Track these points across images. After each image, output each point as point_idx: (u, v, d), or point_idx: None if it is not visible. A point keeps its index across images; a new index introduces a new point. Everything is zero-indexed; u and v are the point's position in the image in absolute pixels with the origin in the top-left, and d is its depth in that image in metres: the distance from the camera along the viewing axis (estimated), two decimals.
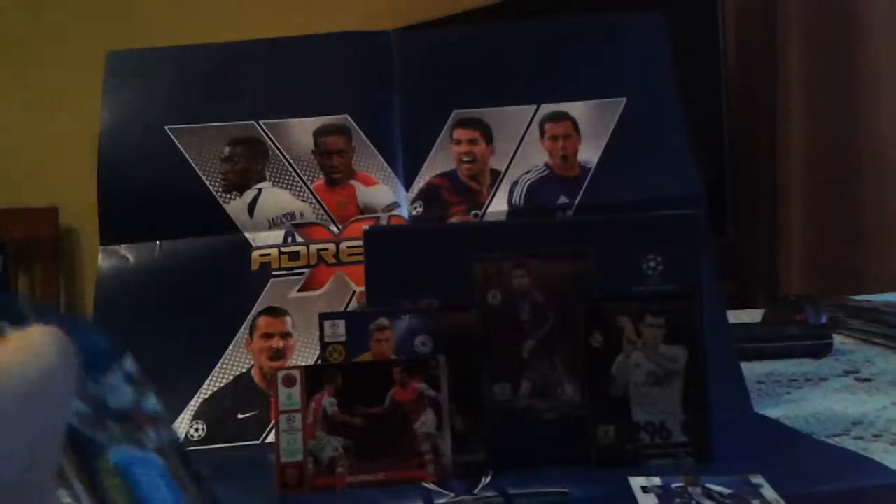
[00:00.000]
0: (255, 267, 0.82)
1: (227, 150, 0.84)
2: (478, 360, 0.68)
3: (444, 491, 0.63)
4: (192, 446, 0.76)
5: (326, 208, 0.84)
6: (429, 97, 0.87)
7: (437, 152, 0.86)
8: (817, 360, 1.02)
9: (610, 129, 0.87)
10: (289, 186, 0.84)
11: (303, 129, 0.85)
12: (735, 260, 2.12)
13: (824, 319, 1.09)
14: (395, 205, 0.84)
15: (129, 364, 0.33)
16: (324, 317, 0.69)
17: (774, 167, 2.11)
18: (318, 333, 0.69)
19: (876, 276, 1.87)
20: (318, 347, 0.69)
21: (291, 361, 0.79)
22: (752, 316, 1.20)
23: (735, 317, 1.05)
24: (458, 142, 0.87)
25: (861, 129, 1.96)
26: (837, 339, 1.08)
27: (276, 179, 0.84)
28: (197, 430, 0.76)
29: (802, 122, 2.02)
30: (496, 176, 0.86)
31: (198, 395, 0.78)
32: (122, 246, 0.82)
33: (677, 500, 0.58)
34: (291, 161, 0.85)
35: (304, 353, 0.79)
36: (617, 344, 0.68)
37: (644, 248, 0.71)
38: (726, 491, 0.59)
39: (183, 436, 0.76)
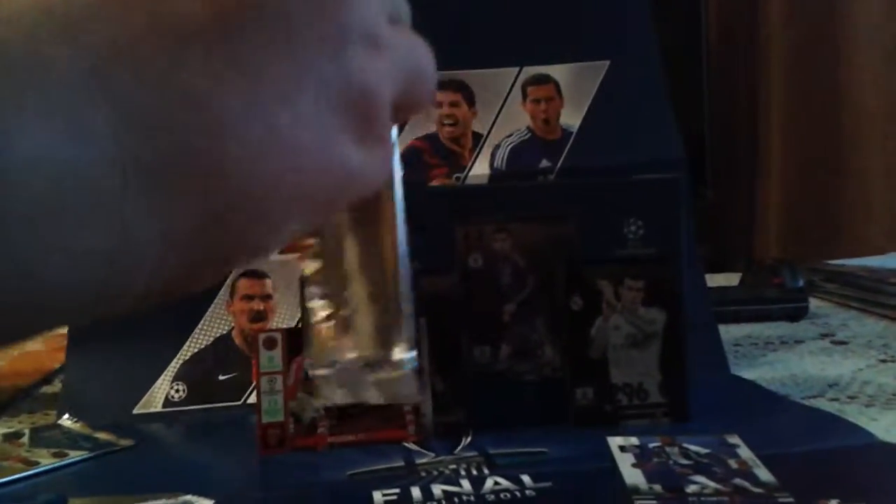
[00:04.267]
0: None
1: None
2: (458, 323, 0.68)
3: (424, 451, 0.63)
4: (174, 407, 0.76)
5: None
6: None
7: (419, 115, 0.86)
8: (794, 322, 1.04)
9: (592, 93, 0.87)
10: None
11: None
12: (713, 224, 2.13)
13: (801, 283, 1.10)
14: None
15: None
16: (304, 279, 0.69)
17: (755, 132, 2.11)
18: (298, 295, 0.69)
19: (853, 241, 1.89)
20: (299, 309, 0.69)
21: (272, 324, 0.78)
22: (730, 280, 1.21)
23: (713, 280, 1.06)
24: (440, 104, 0.86)
25: (842, 94, 1.96)
26: (814, 303, 1.09)
27: None
28: (178, 391, 0.76)
29: (783, 87, 2.02)
30: (478, 139, 0.86)
31: (178, 356, 0.77)
32: None
33: (655, 460, 0.59)
34: None
35: (285, 316, 0.79)
36: (596, 307, 0.68)
37: (625, 212, 0.71)
38: (703, 450, 0.60)
39: (164, 397, 0.76)
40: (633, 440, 0.62)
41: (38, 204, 0.19)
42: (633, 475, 0.56)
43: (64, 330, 0.91)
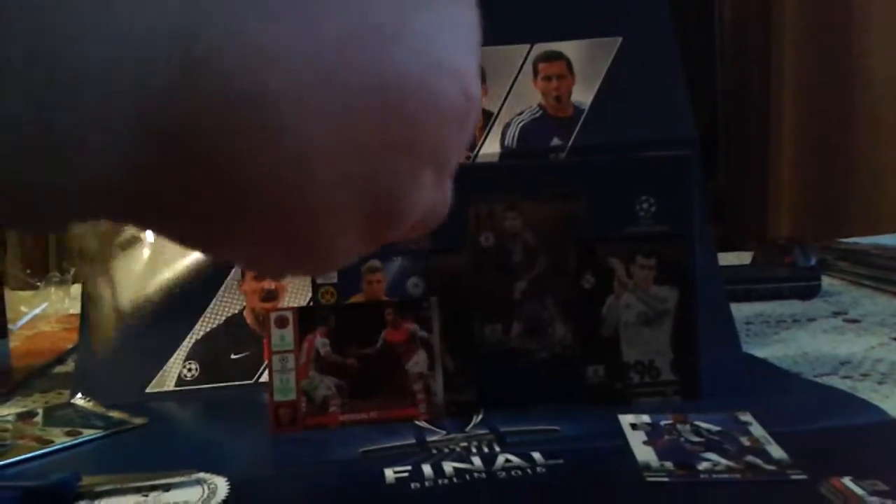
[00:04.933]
0: None
1: None
2: (469, 302, 0.68)
3: (435, 429, 0.64)
4: (186, 386, 0.76)
5: None
6: None
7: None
8: (806, 301, 1.03)
9: (604, 70, 0.86)
10: None
11: None
12: (725, 203, 2.12)
13: (813, 262, 1.10)
14: None
15: None
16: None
17: (767, 110, 2.10)
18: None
19: (865, 219, 1.88)
20: (311, 289, 0.69)
21: (283, 303, 0.79)
22: (742, 258, 1.21)
23: (724, 259, 1.06)
24: None
25: (853, 74, 1.95)
26: (826, 281, 1.09)
27: None
28: (190, 370, 0.77)
29: (795, 67, 2.01)
30: (488, 117, 0.86)
31: (190, 335, 0.78)
32: None
33: (666, 437, 0.59)
34: None
35: (296, 295, 0.79)
36: (608, 285, 0.68)
37: (636, 190, 0.70)
38: (715, 428, 0.60)
39: (176, 376, 0.76)
40: (645, 418, 0.62)
41: None
42: (644, 452, 0.56)
43: (77, 310, 0.91)
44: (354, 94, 0.21)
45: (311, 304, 0.72)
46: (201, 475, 0.56)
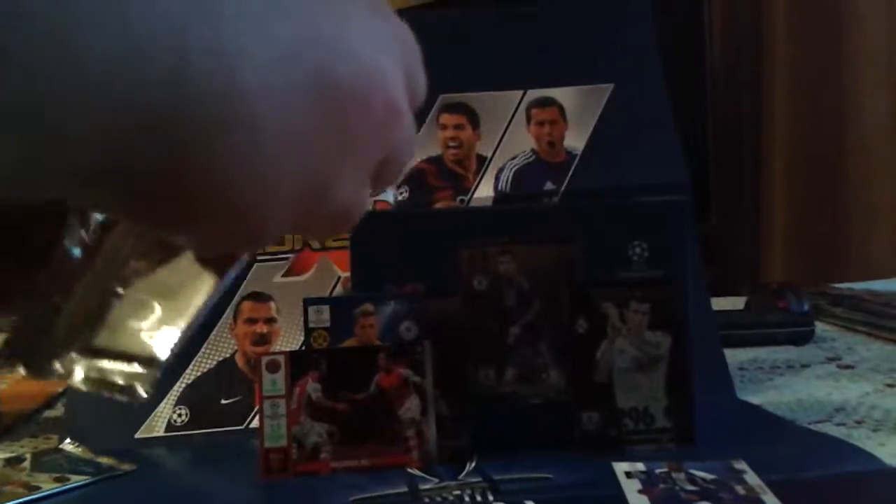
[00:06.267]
0: None
1: None
2: (463, 346, 0.68)
3: (428, 476, 0.63)
4: (176, 431, 0.75)
5: None
6: None
7: (423, 137, 0.86)
8: (799, 347, 1.03)
9: (596, 116, 0.87)
10: None
11: None
12: (718, 248, 2.12)
13: (807, 307, 1.10)
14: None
15: None
16: (308, 302, 0.68)
17: (758, 154, 2.11)
18: (302, 319, 0.68)
19: (858, 265, 1.88)
20: (303, 333, 0.69)
21: (275, 347, 0.78)
22: (735, 303, 1.21)
23: (718, 304, 1.05)
24: (445, 127, 0.86)
25: (845, 117, 1.97)
26: (820, 327, 1.09)
27: None
28: (180, 415, 0.76)
29: (786, 109, 2.03)
30: (482, 161, 0.86)
31: (181, 379, 0.77)
32: None
33: (661, 486, 0.58)
34: None
35: (289, 339, 0.79)
36: (602, 330, 0.68)
37: (630, 235, 0.71)
38: (710, 476, 0.59)
39: (166, 421, 0.76)
40: (640, 466, 0.61)
41: None
42: (639, 501, 0.56)
43: None
44: (303, 95, 0.24)
45: (304, 348, 0.71)
46: None
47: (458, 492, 0.59)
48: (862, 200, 1.97)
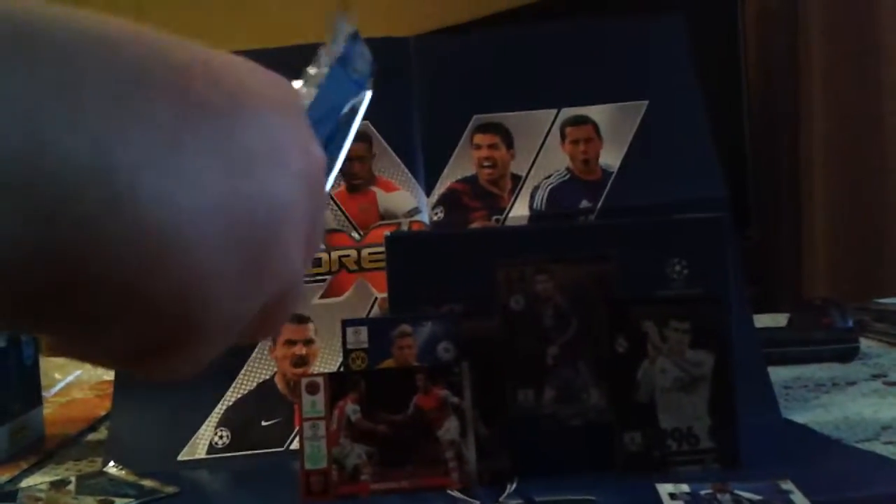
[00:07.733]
0: None
1: None
2: (501, 366, 0.68)
3: (468, 499, 0.63)
4: (217, 454, 0.76)
5: (347, 215, 0.84)
6: (449, 102, 0.87)
7: (458, 157, 0.86)
8: (844, 364, 1.01)
9: (632, 133, 0.87)
10: None
11: None
12: (758, 263, 2.10)
13: (851, 323, 1.08)
14: (416, 210, 0.84)
15: None
16: (346, 323, 0.69)
17: (797, 169, 2.09)
18: (340, 340, 0.68)
19: None
20: (341, 354, 0.69)
21: (314, 368, 0.78)
22: (778, 320, 1.19)
23: (760, 321, 1.04)
24: (479, 147, 0.87)
25: (884, 131, 1.94)
26: (864, 343, 1.07)
27: None
28: (221, 437, 0.76)
29: (824, 124, 2.00)
30: (517, 181, 0.86)
31: (222, 402, 0.78)
32: None
33: None
34: None
35: (327, 360, 0.79)
36: (642, 349, 0.67)
37: (668, 252, 0.70)
38: (756, 497, 0.58)
39: (208, 443, 0.76)
40: (684, 487, 0.60)
41: None
42: None
43: (110, 377, 0.92)
44: (230, 217, 0.24)
45: (342, 369, 0.71)
46: None
47: None
48: None
